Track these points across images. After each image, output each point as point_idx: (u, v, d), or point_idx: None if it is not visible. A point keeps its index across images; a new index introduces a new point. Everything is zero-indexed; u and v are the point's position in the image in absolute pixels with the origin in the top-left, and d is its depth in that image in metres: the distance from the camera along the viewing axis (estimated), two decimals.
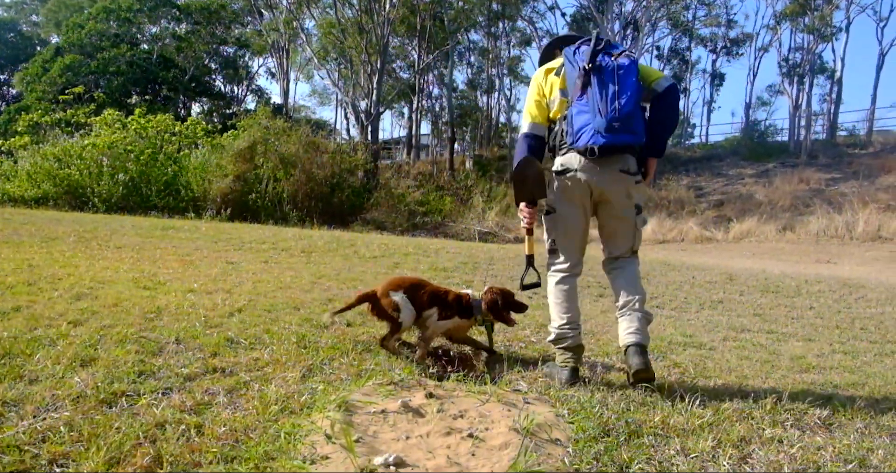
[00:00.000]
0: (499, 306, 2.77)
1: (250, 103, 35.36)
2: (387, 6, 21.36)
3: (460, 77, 33.57)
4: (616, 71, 2.37)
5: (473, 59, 33.19)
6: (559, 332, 2.52)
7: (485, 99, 33.15)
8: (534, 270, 2.68)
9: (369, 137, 21.16)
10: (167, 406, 1.93)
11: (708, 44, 31.73)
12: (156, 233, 7.30)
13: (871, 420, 2.24)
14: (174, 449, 1.63)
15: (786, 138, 28.26)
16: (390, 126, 65.82)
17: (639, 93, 2.41)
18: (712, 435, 1.94)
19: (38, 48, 33.89)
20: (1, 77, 36.22)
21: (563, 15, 35.76)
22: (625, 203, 2.53)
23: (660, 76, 2.51)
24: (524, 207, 2.61)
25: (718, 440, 1.92)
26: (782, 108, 51.29)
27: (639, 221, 2.58)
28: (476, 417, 1.99)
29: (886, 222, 14.90)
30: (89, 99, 20.45)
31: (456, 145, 28.76)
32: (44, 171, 13.03)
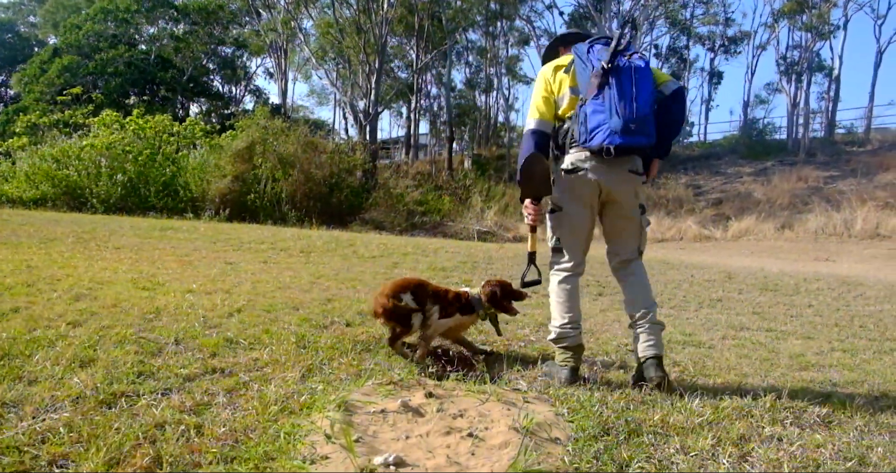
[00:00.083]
0: (498, 297, 2.79)
1: (248, 103, 35.49)
2: (385, 6, 21.34)
3: (458, 76, 33.63)
4: (633, 72, 2.37)
5: (472, 59, 33.25)
6: (560, 331, 2.52)
7: (483, 98, 33.19)
8: (535, 268, 2.67)
9: (368, 137, 21.16)
10: (167, 406, 1.93)
11: (706, 42, 31.78)
12: (154, 234, 7.30)
13: (871, 417, 2.24)
14: (174, 450, 1.63)
15: (784, 136, 28.29)
16: (388, 126, 65.91)
17: (654, 95, 2.42)
18: (712, 434, 1.94)
19: (36, 49, 33.90)
20: None
21: (562, 14, 35.87)
22: (632, 203, 2.54)
23: (668, 79, 2.53)
24: (529, 204, 2.58)
25: (718, 438, 1.93)
26: (780, 107, 51.65)
27: (643, 221, 2.59)
28: (476, 416, 1.99)
29: (885, 220, 14.93)
30: (87, 99, 20.46)
31: (454, 145, 28.77)
32: (42, 172, 13.03)
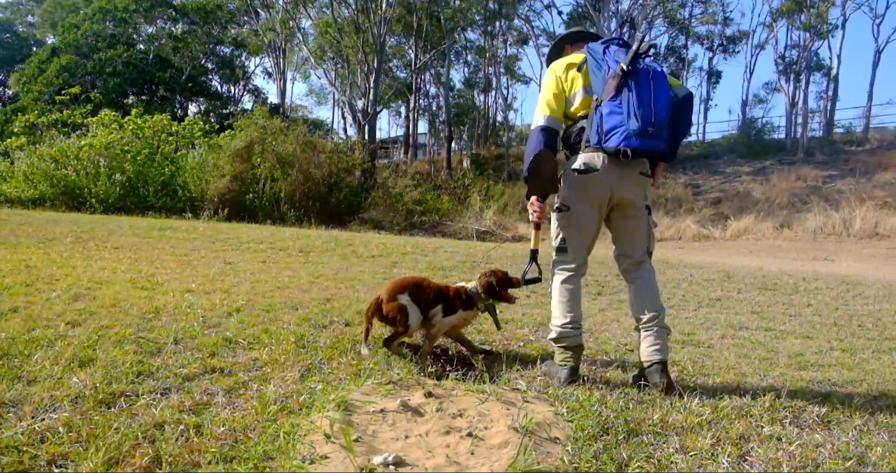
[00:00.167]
0: (495, 287, 2.78)
1: (247, 103, 35.47)
2: (383, 5, 21.32)
3: (457, 76, 33.64)
4: (652, 76, 2.38)
5: (470, 58, 33.25)
6: (561, 331, 2.52)
7: (482, 98, 33.21)
8: (536, 265, 2.66)
9: (366, 137, 21.13)
10: (166, 406, 1.93)
11: (704, 42, 31.78)
12: (153, 234, 7.29)
13: (870, 417, 2.24)
14: (173, 450, 1.63)
15: (783, 136, 28.32)
16: (387, 125, 65.66)
17: (671, 100, 2.43)
18: (711, 433, 1.95)
19: (35, 49, 33.85)
20: None
21: (560, 13, 35.71)
22: (641, 204, 2.56)
23: (679, 84, 2.55)
24: (535, 201, 2.56)
25: (717, 438, 1.93)
26: (779, 106, 51.70)
27: (651, 222, 2.61)
28: (475, 416, 1.99)
29: (883, 219, 14.94)
30: (86, 99, 20.42)
31: (453, 144, 28.77)
32: (41, 172, 13.00)
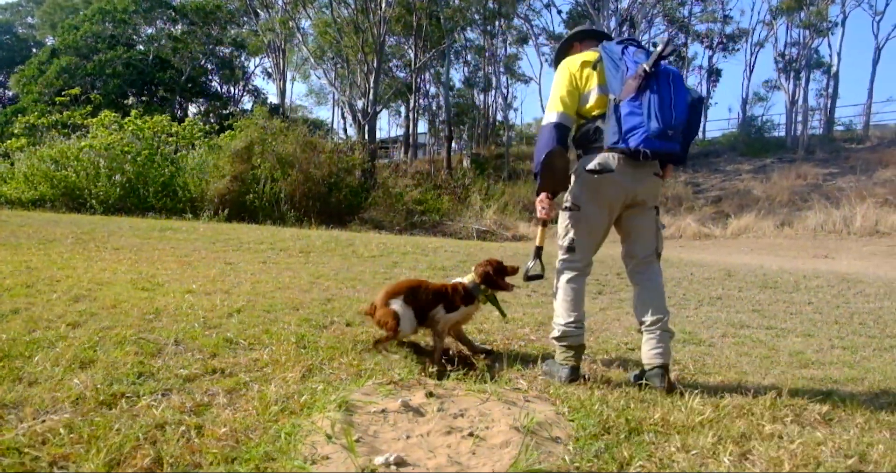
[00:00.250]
0: (492, 276, 2.79)
1: (247, 103, 35.47)
2: (383, 5, 21.30)
3: (457, 75, 33.62)
4: (672, 79, 2.39)
5: (470, 58, 33.19)
6: (564, 330, 2.52)
7: (482, 97, 33.14)
8: (540, 262, 2.64)
9: (366, 136, 21.11)
10: (167, 407, 1.93)
11: (704, 40, 31.72)
12: (153, 235, 7.29)
13: (871, 415, 2.24)
14: (174, 450, 1.63)
15: (783, 133, 28.31)
16: (387, 125, 65.64)
17: (688, 103, 2.44)
18: (712, 432, 1.94)
19: (34, 50, 33.91)
20: None
21: (560, 12, 35.84)
22: (652, 204, 2.58)
23: (690, 88, 2.56)
24: (545, 198, 2.53)
25: (719, 436, 1.93)
26: (779, 104, 51.71)
27: (658, 222, 2.61)
28: (476, 416, 1.99)
29: (884, 217, 14.93)
30: (86, 100, 20.40)
31: (453, 144, 28.74)
32: (41, 173, 12.99)
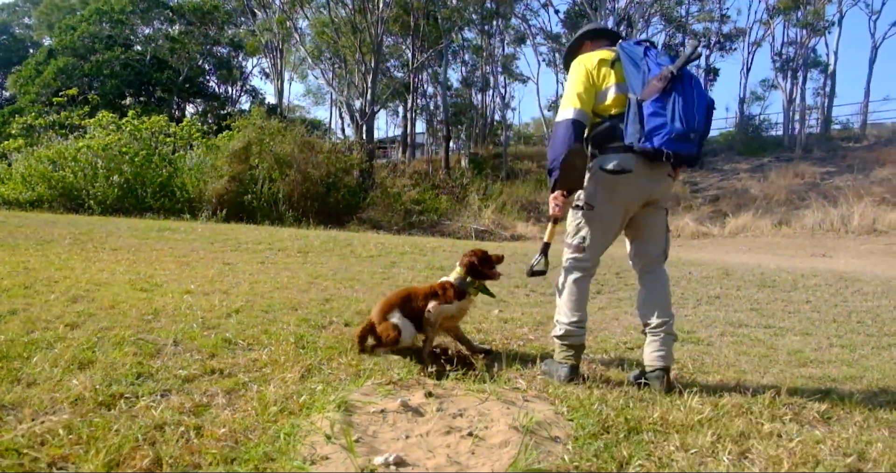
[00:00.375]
0: (477, 266, 2.79)
1: (245, 104, 35.41)
2: (380, 5, 21.28)
3: (455, 75, 33.55)
4: (695, 83, 2.40)
5: (468, 58, 33.16)
6: (568, 329, 2.51)
7: (479, 97, 33.15)
8: (545, 259, 2.61)
9: (364, 136, 21.10)
10: (166, 407, 1.93)
11: (701, 39, 31.76)
12: (152, 235, 7.28)
13: (870, 413, 2.24)
14: (173, 451, 1.63)
15: (780, 132, 28.37)
16: (385, 125, 65.87)
17: (708, 107, 2.45)
18: (711, 431, 1.95)
19: (31, 50, 33.81)
20: None
21: (557, 12, 35.74)
22: (665, 204, 2.59)
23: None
24: (559, 195, 2.50)
25: (717, 435, 1.93)
26: (776, 103, 51.68)
27: (667, 223, 2.62)
28: (475, 416, 1.99)
29: (881, 215, 14.98)
30: (83, 101, 20.39)
31: (451, 143, 28.74)
32: (38, 174, 12.98)
